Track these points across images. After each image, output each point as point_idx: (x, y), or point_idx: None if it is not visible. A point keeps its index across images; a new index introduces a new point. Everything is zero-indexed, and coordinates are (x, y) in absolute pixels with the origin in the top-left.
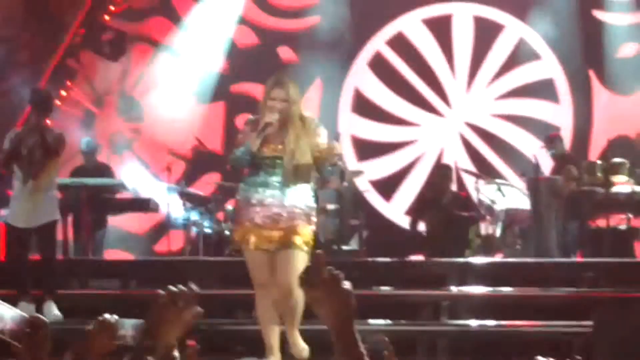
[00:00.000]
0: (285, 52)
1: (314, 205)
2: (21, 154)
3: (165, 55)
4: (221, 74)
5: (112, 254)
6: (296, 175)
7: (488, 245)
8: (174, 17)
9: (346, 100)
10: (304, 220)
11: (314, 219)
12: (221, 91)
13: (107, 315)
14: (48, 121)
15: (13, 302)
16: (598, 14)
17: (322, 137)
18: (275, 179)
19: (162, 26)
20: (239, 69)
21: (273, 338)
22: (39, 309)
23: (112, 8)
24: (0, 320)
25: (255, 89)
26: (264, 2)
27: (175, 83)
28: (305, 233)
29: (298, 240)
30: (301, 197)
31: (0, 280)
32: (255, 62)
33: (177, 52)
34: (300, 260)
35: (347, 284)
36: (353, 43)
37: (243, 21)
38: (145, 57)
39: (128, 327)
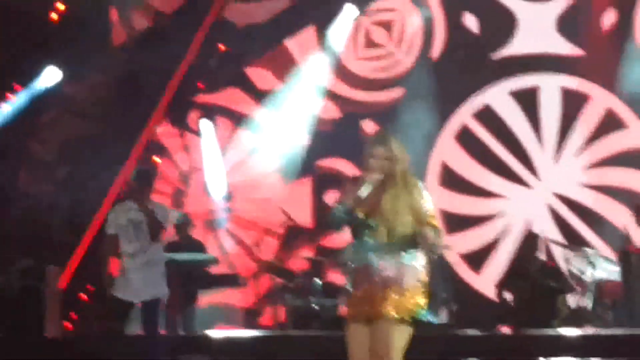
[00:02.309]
0: (369, 126)
1: (419, 275)
2: (127, 228)
3: (247, 132)
4: (306, 150)
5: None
6: (392, 238)
7: (578, 317)
8: (252, 90)
9: (433, 173)
10: (403, 285)
11: (416, 282)
12: (307, 167)
13: None
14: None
15: None
16: None
17: (426, 201)
18: (367, 246)
19: (240, 98)
20: (323, 144)
21: None
22: None
23: (199, 86)
24: None
25: (341, 164)
26: (346, 73)
27: (260, 160)
28: (402, 300)
29: (393, 310)
30: (400, 264)
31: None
32: (339, 137)
33: (259, 127)
34: (396, 333)
35: None
36: (439, 116)
37: (328, 95)
38: (227, 131)
39: None
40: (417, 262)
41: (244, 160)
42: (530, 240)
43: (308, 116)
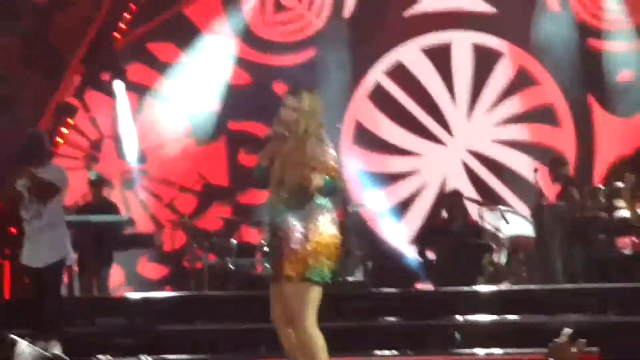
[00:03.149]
0: (280, 88)
1: (320, 227)
2: (22, 194)
3: (155, 102)
4: (217, 114)
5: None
6: (284, 192)
7: (494, 273)
8: (155, 64)
9: (347, 132)
10: (299, 243)
11: (315, 242)
12: (220, 130)
13: (100, 356)
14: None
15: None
16: (595, 42)
17: (326, 154)
18: (275, 206)
19: (143, 72)
20: (234, 108)
21: None
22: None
23: (113, 44)
24: (26, 356)
25: (253, 127)
26: (256, 39)
27: (170, 125)
28: (299, 260)
29: (290, 270)
30: (296, 217)
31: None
32: (250, 101)
33: (166, 97)
34: (296, 292)
35: None
36: (351, 74)
37: (237, 61)
38: (134, 102)
39: None
40: (322, 219)
41: (153, 126)
42: (452, 196)
43: (218, 83)
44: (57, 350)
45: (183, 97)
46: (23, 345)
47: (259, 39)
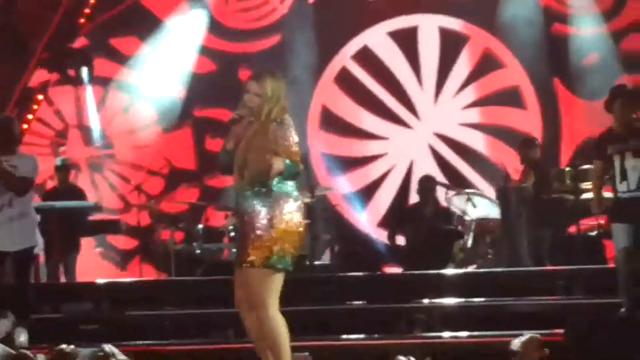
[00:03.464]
0: (246, 75)
1: (280, 212)
2: None
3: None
4: (183, 101)
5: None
6: (243, 177)
7: (461, 257)
8: (118, 57)
9: (314, 117)
10: (263, 230)
11: (274, 229)
12: (185, 117)
13: (63, 345)
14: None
15: None
16: (561, 27)
17: (287, 138)
18: (239, 191)
19: (107, 65)
20: (199, 94)
21: None
22: (10, 335)
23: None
24: None
25: (219, 113)
26: (220, 27)
27: (135, 114)
28: (264, 244)
29: (253, 255)
30: (259, 201)
31: None
32: (215, 87)
33: (130, 87)
34: (258, 278)
35: None
36: (318, 59)
37: (201, 51)
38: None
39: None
40: (287, 206)
41: (119, 115)
42: (424, 181)
43: (182, 71)
44: (23, 337)
45: (148, 87)
46: None
47: (223, 27)
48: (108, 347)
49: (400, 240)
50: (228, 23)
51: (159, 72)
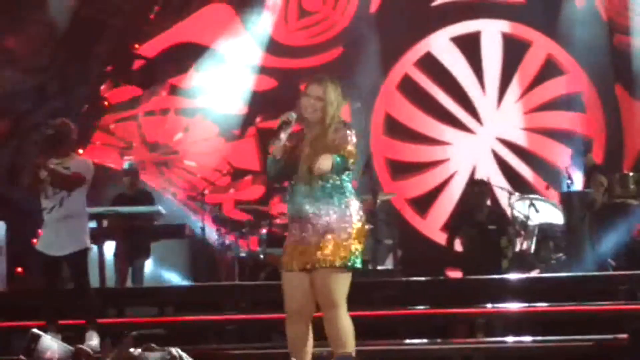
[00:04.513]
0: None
1: (354, 211)
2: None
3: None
4: (244, 116)
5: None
6: (312, 181)
7: (523, 261)
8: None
9: (377, 123)
10: (337, 232)
11: (350, 229)
12: (247, 128)
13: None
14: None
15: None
16: (622, 37)
17: (344, 140)
18: (302, 193)
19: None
20: (261, 109)
21: None
22: (82, 337)
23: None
24: (50, 351)
25: None
26: (279, 46)
27: (197, 130)
28: (339, 245)
29: (331, 256)
30: (331, 203)
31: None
32: (278, 101)
33: (187, 112)
34: (336, 278)
35: None
36: (380, 67)
37: (259, 71)
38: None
39: None
40: (353, 207)
41: (180, 131)
42: (477, 185)
43: (241, 91)
44: (95, 340)
45: (208, 108)
46: (47, 340)
47: (282, 45)
48: (175, 351)
49: (458, 245)
50: (288, 41)
51: (218, 95)
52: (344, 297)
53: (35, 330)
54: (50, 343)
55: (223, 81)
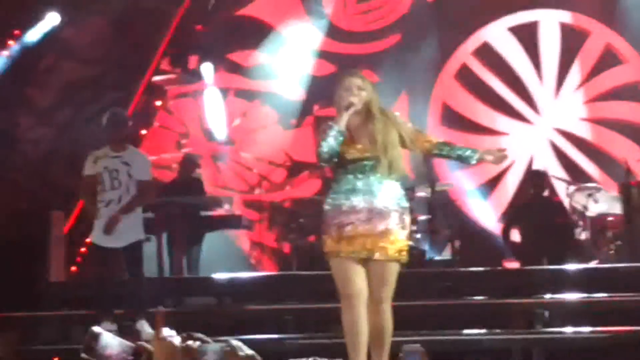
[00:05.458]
0: (367, 74)
1: (407, 205)
2: (101, 176)
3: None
4: (302, 102)
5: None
6: (391, 170)
7: (581, 251)
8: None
9: (434, 113)
10: (398, 222)
11: (408, 220)
12: (306, 116)
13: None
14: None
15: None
16: None
17: (406, 124)
18: (363, 184)
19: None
20: (319, 95)
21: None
22: (133, 327)
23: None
24: (110, 347)
25: None
26: (339, 31)
27: (255, 116)
28: (399, 239)
29: (392, 249)
30: (394, 197)
31: (86, 300)
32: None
33: (246, 94)
34: (395, 272)
35: None
36: (438, 56)
37: (319, 55)
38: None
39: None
40: (404, 200)
41: (238, 117)
42: (534, 175)
43: (300, 75)
44: (147, 328)
45: (267, 91)
46: (108, 337)
47: (342, 30)
48: (235, 341)
49: (516, 235)
50: (347, 26)
51: (278, 78)
52: (392, 290)
53: (94, 328)
54: (111, 341)
55: (284, 64)
